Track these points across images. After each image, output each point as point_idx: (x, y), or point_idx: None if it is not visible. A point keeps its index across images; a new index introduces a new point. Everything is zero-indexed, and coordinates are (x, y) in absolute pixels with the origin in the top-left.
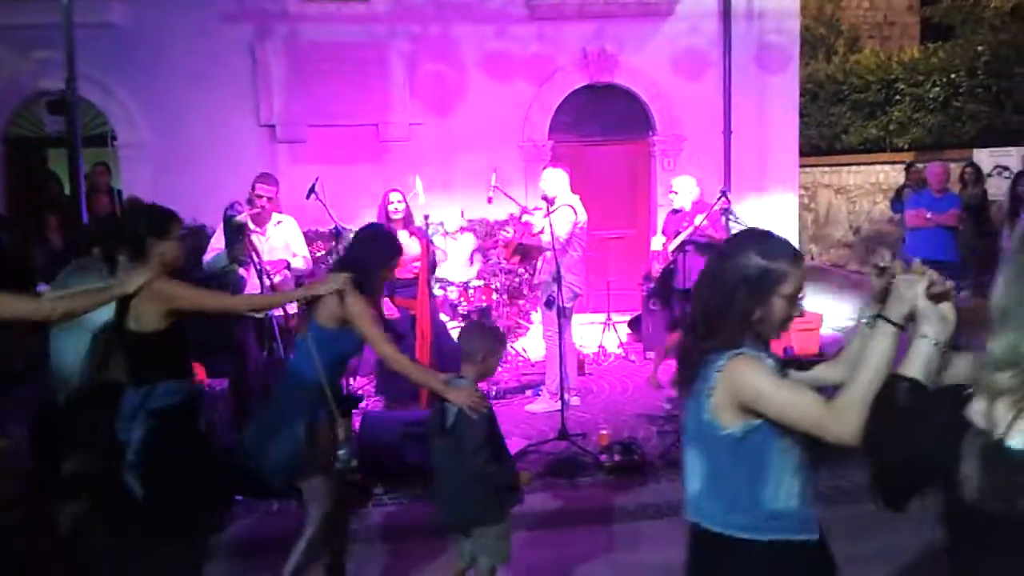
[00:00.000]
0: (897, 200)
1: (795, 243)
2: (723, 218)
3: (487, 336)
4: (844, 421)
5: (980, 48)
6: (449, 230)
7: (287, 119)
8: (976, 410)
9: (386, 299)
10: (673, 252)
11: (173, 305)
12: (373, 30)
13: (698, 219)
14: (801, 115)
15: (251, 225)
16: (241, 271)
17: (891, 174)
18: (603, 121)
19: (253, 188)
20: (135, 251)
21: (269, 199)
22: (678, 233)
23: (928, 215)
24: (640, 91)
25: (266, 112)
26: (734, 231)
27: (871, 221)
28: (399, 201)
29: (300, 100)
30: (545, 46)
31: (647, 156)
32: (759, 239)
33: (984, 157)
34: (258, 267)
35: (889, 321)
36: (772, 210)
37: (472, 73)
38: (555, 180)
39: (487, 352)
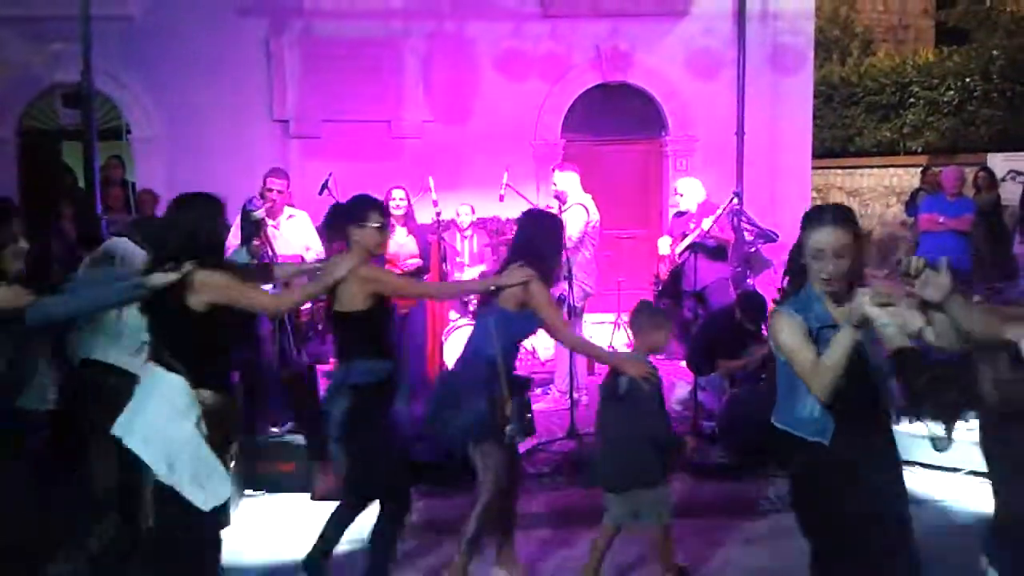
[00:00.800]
0: (911, 203)
1: None
2: (734, 219)
3: (655, 315)
4: (820, 379)
5: (995, 52)
6: (461, 227)
7: (301, 114)
8: None
9: None
10: (680, 254)
11: (376, 288)
12: (388, 26)
13: (706, 223)
14: (815, 117)
15: (269, 220)
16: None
17: (904, 177)
18: (616, 120)
19: (264, 182)
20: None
21: (280, 192)
22: (684, 235)
23: (942, 219)
24: (653, 91)
25: (279, 107)
26: (745, 233)
27: (884, 224)
28: (401, 199)
29: (314, 96)
30: (558, 44)
31: (660, 156)
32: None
33: (998, 162)
34: (271, 261)
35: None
36: (784, 212)
37: (485, 71)
38: (566, 180)
39: (655, 328)
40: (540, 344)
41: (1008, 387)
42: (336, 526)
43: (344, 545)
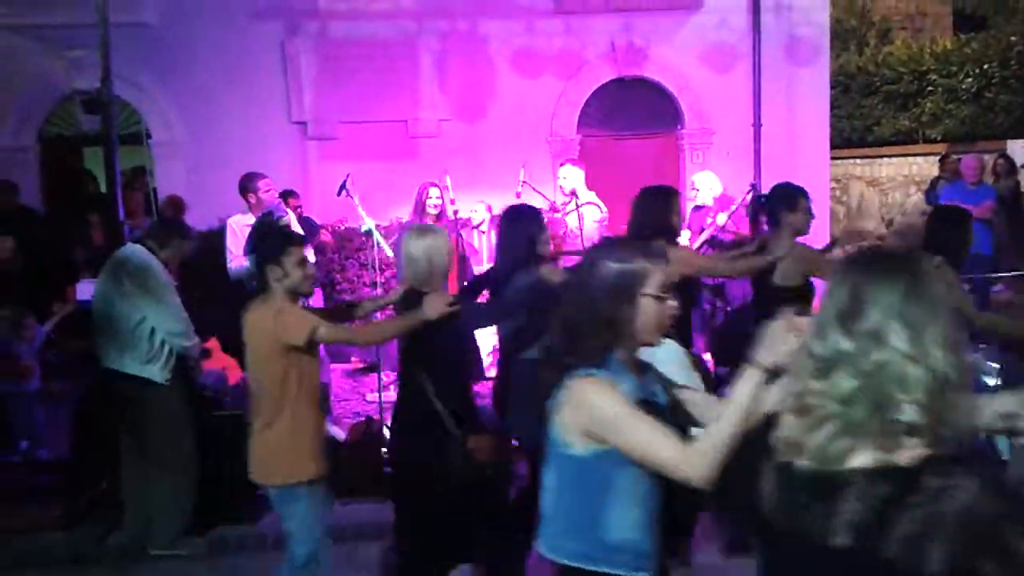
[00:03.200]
0: (932, 192)
1: (826, 236)
2: (752, 210)
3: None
4: (698, 465)
5: (1013, 39)
6: (477, 224)
7: (318, 116)
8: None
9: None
10: (698, 248)
11: (810, 269)
12: (402, 26)
13: (721, 218)
14: (832, 107)
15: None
16: None
17: (924, 166)
18: (631, 115)
19: (257, 189)
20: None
21: (270, 191)
22: (702, 229)
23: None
24: (669, 84)
25: (297, 109)
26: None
27: (904, 213)
28: (437, 196)
29: (330, 97)
30: (573, 40)
31: (676, 150)
32: (611, 246)
33: (1017, 148)
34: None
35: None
36: None
37: (500, 69)
38: (577, 176)
39: None
40: None
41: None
42: None
43: None
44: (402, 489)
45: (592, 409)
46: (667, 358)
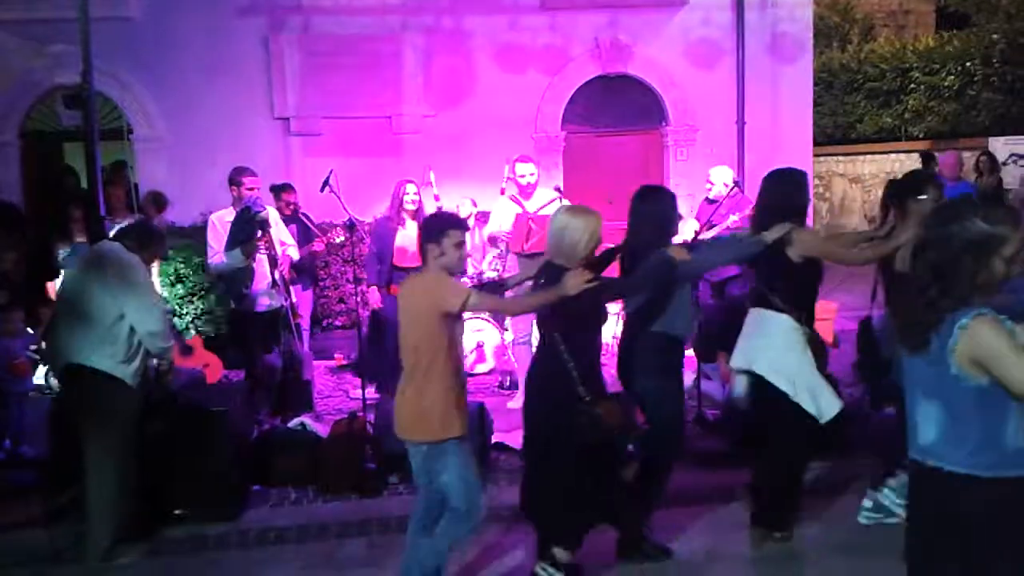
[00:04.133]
0: None
1: None
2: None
3: None
4: None
5: (995, 36)
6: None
7: (301, 112)
8: None
9: (373, 288)
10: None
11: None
12: (386, 22)
13: (731, 219)
14: (815, 104)
15: (271, 221)
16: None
17: (906, 163)
18: (616, 112)
19: (241, 183)
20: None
21: (254, 189)
22: (711, 224)
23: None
24: (653, 81)
25: (280, 105)
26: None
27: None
28: (414, 193)
29: (314, 93)
30: (557, 37)
31: (660, 146)
32: (977, 206)
33: (999, 145)
34: (276, 260)
35: None
36: None
37: (485, 65)
38: (536, 171)
39: None
40: None
41: None
42: None
43: None
44: (532, 449)
45: (984, 342)
46: None
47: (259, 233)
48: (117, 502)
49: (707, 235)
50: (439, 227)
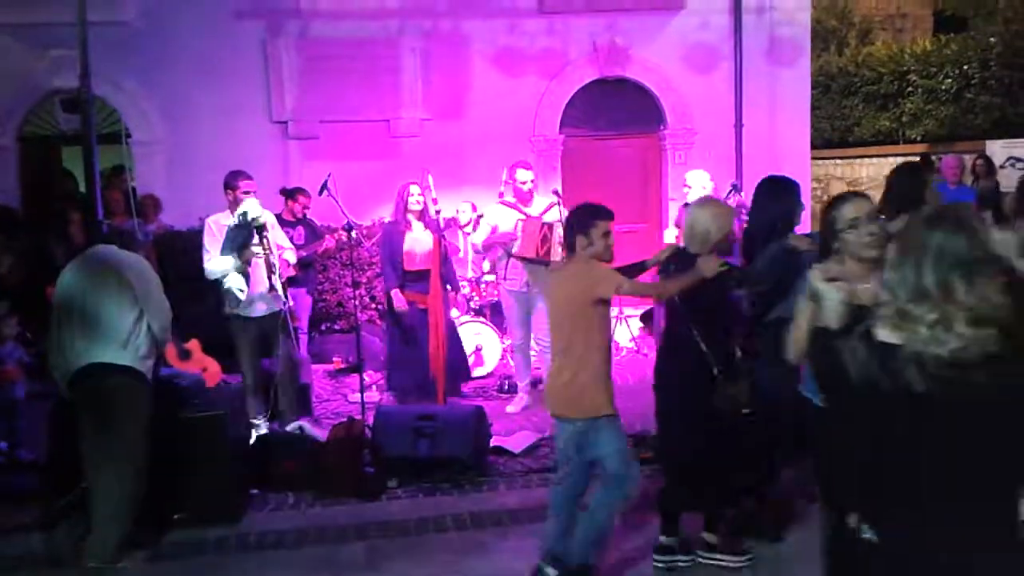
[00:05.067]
0: None
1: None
2: (738, 212)
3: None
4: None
5: (993, 40)
6: (462, 225)
7: (299, 116)
8: None
9: (395, 290)
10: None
11: None
12: (384, 26)
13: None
14: (813, 108)
15: (269, 224)
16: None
17: None
18: (614, 115)
19: (237, 187)
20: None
21: (249, 192)
22: None
23: None
24: (651, 85)
25: (278, 109)
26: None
27: None
28: (418, 194)
29: (312, 96)
30: (555, 40)
31: (658, 150)
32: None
33: (997, 149)
34: (273, 265)
35: None
36: None
37: (483, 68)
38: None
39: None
40: None
41: None
42: None
43: None
44: (667, 428)
45: None
46: None
47: (256, 238)
48: (131, 503)
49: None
50: (587, 218)
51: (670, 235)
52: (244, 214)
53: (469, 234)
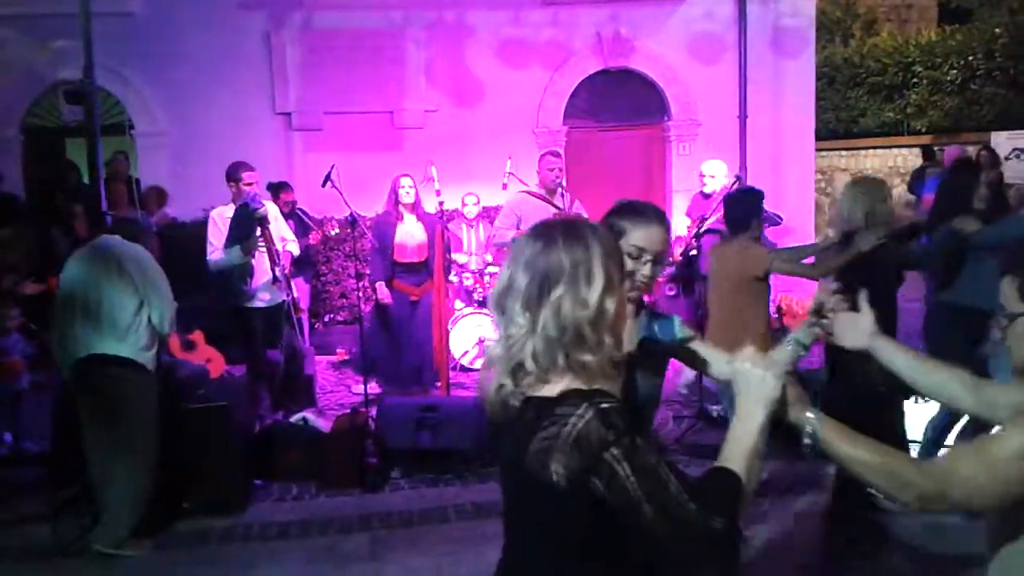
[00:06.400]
0: (918, 181)
1: (811, 227)
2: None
3: None
4: None
5: (998, 31)
6: (468, 216)
7: (303, 107)
8: None
9: (380, 283)
10: (698, 236)
11: None
12: (388, 17)
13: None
14: (818, 99)
15: (271, 217)
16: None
17: (908, 158)
18: (618, 106)
19: (239, 179)
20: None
21: (252, 184)
22: (703, 218)
23: None
24: (655, 76)
25: (282, 100)
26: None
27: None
28: (410, 186)
29: (315, 88)
30: (559, 31)
31: (662, 141)
32: None
33: (1002, 140)
34: (276, 256)
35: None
36: (788, 194)
37: (487, 60)
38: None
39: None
40: None
41: None
42: None
43: None
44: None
45: None
46: None
47: (258, 229)
48: (142, 491)
49: (696, 230)
50: (761, 202)
51: (682, 224)
52: (244, 205)
53: (473, 227)
